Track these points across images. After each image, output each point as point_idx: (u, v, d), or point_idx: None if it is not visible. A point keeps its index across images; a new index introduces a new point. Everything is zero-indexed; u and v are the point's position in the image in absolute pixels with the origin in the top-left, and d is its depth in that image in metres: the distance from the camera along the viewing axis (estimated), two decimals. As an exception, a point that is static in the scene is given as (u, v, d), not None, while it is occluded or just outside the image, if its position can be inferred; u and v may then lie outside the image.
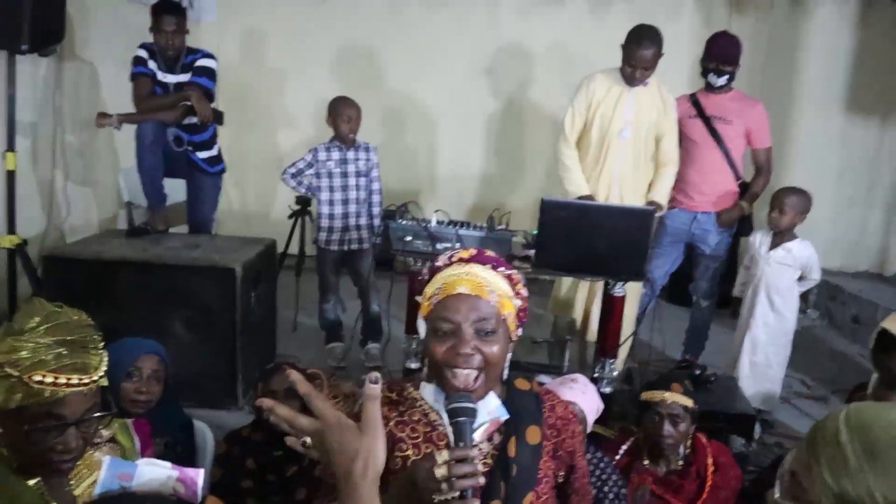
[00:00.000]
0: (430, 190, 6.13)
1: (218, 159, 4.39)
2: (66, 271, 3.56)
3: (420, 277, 1.53)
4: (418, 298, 1.48)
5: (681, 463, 2.54)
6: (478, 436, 1.39)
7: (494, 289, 1.40)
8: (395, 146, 6.11)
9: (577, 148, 4.00)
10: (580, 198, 3.81)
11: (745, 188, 4.11)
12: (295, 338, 4.60)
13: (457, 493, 1.19)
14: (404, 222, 3.21)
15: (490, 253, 1.49)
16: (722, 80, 3.99)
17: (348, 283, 4.42)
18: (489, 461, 1.43)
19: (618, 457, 2.61)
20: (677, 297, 5.31)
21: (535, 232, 3.20)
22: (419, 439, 1.44)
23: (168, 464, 1.24)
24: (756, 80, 5.58)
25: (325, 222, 4.16)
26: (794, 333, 3.82)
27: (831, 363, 4.83)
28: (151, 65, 4.02)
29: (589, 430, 2.36)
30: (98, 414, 1.40)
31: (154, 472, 1.21)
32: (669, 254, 4.21)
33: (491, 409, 1.41)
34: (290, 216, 4.81)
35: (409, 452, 1.43)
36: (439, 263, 1.49)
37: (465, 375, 1.36)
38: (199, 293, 3.54)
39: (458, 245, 3.07)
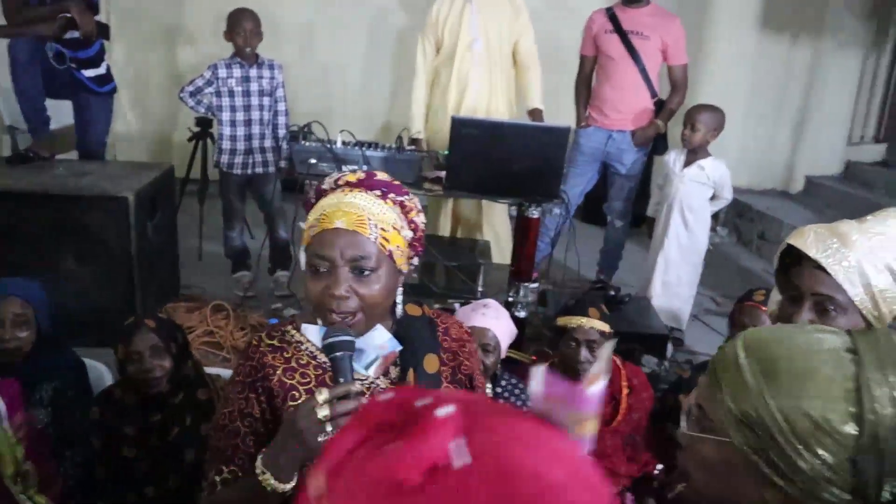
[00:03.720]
0: (342, 111, 5.87)
1: (107, 78, 4.02)
2: (-62, 204, 3.24)
3: (308, 199, 1.35)
4: (301, 225, 1.33)
5: (595, 386, 2.52)
6: (372, 372, 1.31)
7: (378, 221, 1.25)
8: (306, 64, 5.81)
9: (440, 71, 3.93)
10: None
11: (660, 106, 4.04)
12: (201, 267, 4.40)
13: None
14: (308, 144, 3.02)
15: (382, 176, 1.32)
16: (639, -8, 3.88)
17: (255, 209, 4.23)
18: None
19: (533, 381, 2.58)
20: (592, 216, 5.31)
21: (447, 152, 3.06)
22: (311, 384, 1.32)
23: None
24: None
25: (226, 144, 3.93)
26: (704, 252, 3.86)
27: (739, 280, 4.94)
28: (23, -29, 3.61)
29: (503, 355, 2.31)
30: None
31: None
32: (584, 173, 4.15)
33: (382, 343, 1.30)
34: (190, 139, 4.53)
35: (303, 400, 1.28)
36: (325, 186, 1.32)
37: (341, 318, 1.25)
38: (90, 225, 3.28)
39: (364, 167, 2.92)
